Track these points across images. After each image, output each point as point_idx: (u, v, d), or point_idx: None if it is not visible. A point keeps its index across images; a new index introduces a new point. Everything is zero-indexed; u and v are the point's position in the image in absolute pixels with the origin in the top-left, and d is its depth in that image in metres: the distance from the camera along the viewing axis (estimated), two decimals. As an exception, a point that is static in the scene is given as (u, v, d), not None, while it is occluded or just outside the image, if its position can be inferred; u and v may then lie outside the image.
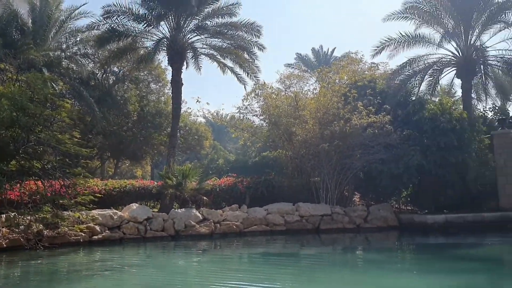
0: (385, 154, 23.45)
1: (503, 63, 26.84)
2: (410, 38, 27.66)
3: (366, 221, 24.09)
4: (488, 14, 26.08)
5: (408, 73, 26.77)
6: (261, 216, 22.75)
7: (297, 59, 48.26)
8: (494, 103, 33.62)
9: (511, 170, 26.49)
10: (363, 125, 23.10)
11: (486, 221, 23.89)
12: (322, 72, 27.60)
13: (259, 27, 26.10)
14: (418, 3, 26.78)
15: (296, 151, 26.33)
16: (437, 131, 23.46)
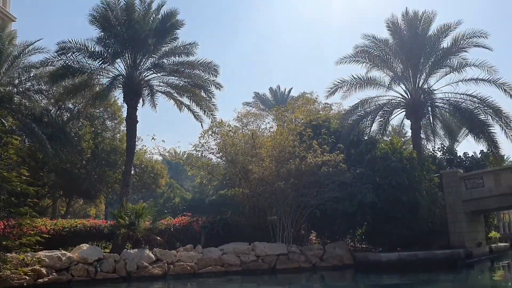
0: (339, 192, 23.81)
1: (449, 105, 28.24)
2: (361, 81, 28.80)
3: (322, 260, 24.09)
4: (434, 59, 27.61)
5: (360, 114, 27.69)
6: (216, 257, 22.33)
7: (255, 98, 49.05)
8: (443, 143, 35.10)
9: (459, 209, 27.44)
10: (318, 163, 23.48)
11: (437, 259, 24.43)
12: (278, 111, 28.13)
13: (216, 66, 26.55)
14: (368, 48, 28.08)
15: (253, 189, 26.33)
16: (388, 170, 24.13)
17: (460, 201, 27.50)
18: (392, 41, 28.36)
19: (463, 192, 27.72)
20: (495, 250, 32.41)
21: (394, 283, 20.12)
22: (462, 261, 25.44)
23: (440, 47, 27.53)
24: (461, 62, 27.23)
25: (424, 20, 27.52)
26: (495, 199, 26.93)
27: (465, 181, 28.07)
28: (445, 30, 27.07)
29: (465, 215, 27.50)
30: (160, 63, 26.74)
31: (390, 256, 23.65)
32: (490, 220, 34.29)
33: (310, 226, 28.11)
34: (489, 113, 27.21)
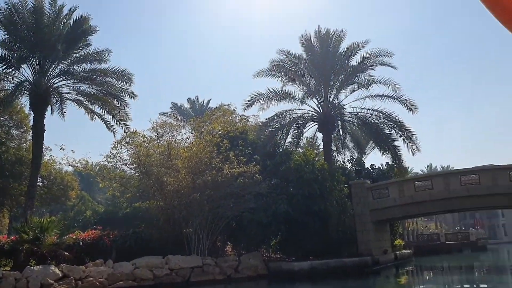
0: (255, 203, 24.09)
1: (357, 119, 29.83)
2: (277, 94, 29.55)
3: (237, 271, 24.13)
4: (344, 75, 29.07)
5: (276, 126, 28.35)
6: (128, 271, 21.52)
7: (173, 109, 48.37)
8: (352, 155, 36.97)
9: (367, 218, 28.91)
10: (234, 174, 23.60)
11: (347, 266, 25.46)
12: (195, 122, 27.94)
13: (130, 74, 25.84)
14: (283, 63, 28.94)
15: (168, 202, 25.78)
16: (301, 181, 24.86)
17: (367, 210, 28.99)
18: (305, 57, 29.47)
19: (371, 202, 29.27)
20: (400, 257, 34.49)
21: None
22: (369, 268, 26.74)
23: (350, 65, 29.08)
24: (368, 79, 28.95)
25: (335, 38, 28.95)
26: (399, 208, 28.74)
27: (372, 191, 29.69)
28: (354, 49, 28.66)
29: (372, 224, 29.02)
30: (70, 69, 25.50)
31: (302, 265, 24.27)
32: (395, 229, 36.45)
33: (226, 238, 28.07)
34: (393, 128, 29.11)
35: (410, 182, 28.96)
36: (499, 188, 25.71)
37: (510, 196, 25.80)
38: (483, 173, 26.47)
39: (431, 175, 31.70)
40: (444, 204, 27.60)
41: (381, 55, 28.02)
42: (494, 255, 48.96)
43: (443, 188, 27.15)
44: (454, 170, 35.32)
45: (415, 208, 28.39)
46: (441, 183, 27.33)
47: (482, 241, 58.10)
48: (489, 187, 25.92)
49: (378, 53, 28.00)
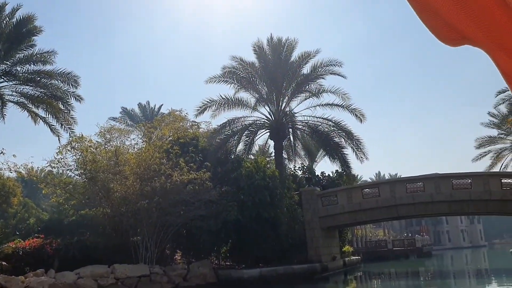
0: (205, 211, 23.76)
1: (308, 127, 30.19)
2: (230, 101, 29.44)
3: (186, 280, 23.70)
4: (296, 84, 29.36)
5: (228, 133, 28.20)
6: (70, 281, 20.63)
7: (123, 113, 47.19)
8: (303, 163, 37.35)
9: (317, 224, 29.28)
10: (184, 181, 23.19)
11: (296, 273, 25.62)
12: (144, 127, 27.34)
13: (76, 77, 24.97)
14: (235, 69, 28.87)
15: (115, 209, 25.00)
16: (252, 187, 24.82)
17: (317, 217, 29.37)
18: (258, 65, 29.55)
19: (320, 209, 29.69)
20: (349, 263, 35.11)
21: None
22: (318, 274, 27.04)
23: (301, 73, 29.40)
24: (319, 88, 29.39)
25: (287, 46, 29.22)
26: (348, 215, 29.30)
27: (322, 198, 30.13)
28: (305, 58, 29.02)
29: (322, 231, 29.41)
30: (12, 70, 24.36)
31: (251, 273, 24.18)
32: (344, 235, 37.11)
33: (175, 246, 27.57)
34: (343, 136, 29.68)
35: (358, 189, 29.61)
36: (441, 196, 26.74)
37: (452, 203, 26.91)
38: (427, 181, 27.44)
39: (379, 182, 32.59)
40: (391, 211, 28.39)
41: (331, 64, 28.54)
42: (438, 261, 50.83)
43: (389, 195, 27.94)
44: (400, 178, 36.45)
45: (363, 215, 29.02)
46: (388, 191, 28.11)
47: (427, 248, 60.18)
48: (433, 195, 26.90)
49: (328, 63, 28.52)
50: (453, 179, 26.80)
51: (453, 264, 47.37)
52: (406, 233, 79.62)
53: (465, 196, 26.26)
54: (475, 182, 26.18)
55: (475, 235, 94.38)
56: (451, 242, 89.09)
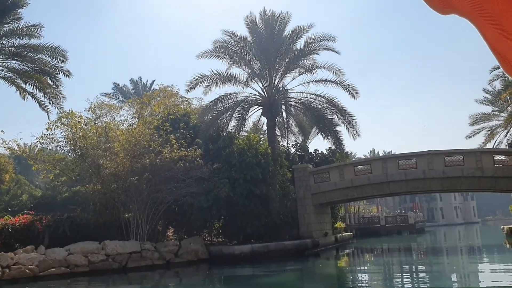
0: (196, 188, 23.67)
1: (301, 104, 29.84)
2: (222, 77, 28.94)
3: (177, 256, 23.74)
4: (289, 59, 28.85)
5: (220, 109, 27.84)
6: (61, 258, 20.60)
7: (115, 89, 46.61)
8: (297, 140, 37.17)
9: (309, 201, 29.29)
10: (174, 158, 22.99)
11: (287, 249, 25.73)
12: (134, 103, 26.96)
13: (64, 51, 24.41)
14: (227, 44, 28.27)
15: (106, 186, 24.84)
16: (244, 165, 24.66)
17: (309, 194, 29.36)
18: (251, 39, 28.97)
19: (312, 186, 29.66)
20: (340, 239, 35.33)
21: (245, 274, 20.57)
22: (309, 250, 27.17)
23: (294, 48, 28.85)
24: (313, 63, 28.92)
25: (280, 20, 28.59)
26: (340, 192, 29.30)
27: (314, 175, 30.07)
28: (299, 32, 28.46)
29: (314, 207, 29.46)
30: (-2, 44, 23.83)
31: (243, 249, 24.23)
32: (336, 212, 37.24)
33: (167, 222, 27.53)
34: (336, 113, 29.40)
35: (350, 166, 29.54)
36: (434, 173, 26.70)
37: (444, 180, 26.88)
38: (420, 157, 27.35)
39: (371, 159, 32.47)
40: (383, 187, 28.39)
41: (325, 39, 28.00)
42: (431, 237, 51.29)
43: (381, 172, 27.88)
44: (393, 155, 36.40)
45: (354, 191, 29.03)
46: (380, 168, 28.04)
47: (420, 224, 60.76)
48: (425, 172, 26.86)
49: (322, 37, 27.96)
50: (446, 156, 26.72)
51: (445, 240, 47.81)
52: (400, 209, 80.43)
53: (458, 173, 26.23)
54: (468, 159, 26.12)
55: (468, 212, 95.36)
56: (445, 219, 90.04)
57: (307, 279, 19.11)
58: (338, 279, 18.91)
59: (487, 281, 16.13)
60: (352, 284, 17.45)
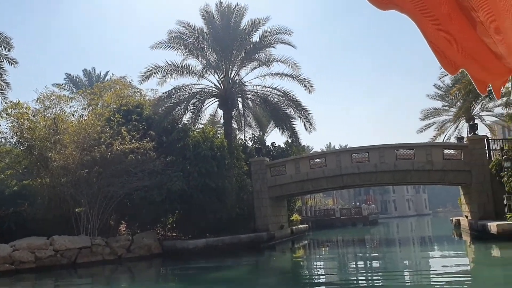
0: (149, 181, 23.18)
1: (257, 97, 29.76)
2: (177, 68, 28.40)
3: (129, 251, 23.23)
4: (245, 51, 28.65)
5: (174, 101, 27.33)
6: (5, 254, 19.69)
7: (67, 80, 44.92)
8: (254, 133, 37.11)
9: (265, 194, 29.37)
10: (125, 151, 22.38)
11: (242, 242, 25.68)
12: (84, 94, 26.06)
13: (8, 38, 23.22)
14: (182, 35, 27.72)
15: (55, 179, 23.93)
16: (199, 157, 24.35)
17: (266, 187, 29.44)
18: (207, 31, 28.55)
19: (269, 179, 29.76)
20: (296, 231, 35.67)
21: (198, 268, 20.34)
22: (265, 243, 27.25)
23: (251, 41, 28.66)
24: (269, 57, 28.84)
25: (236, 12, 28.31)
26: (295, 185, 29.53)
27: (271, 168, 30.16)
28: (255, 25, 28.27)
29: (270, 200, 29.57)
30: None
31: (197, 243, 24.00)
32: (292, 205, 37.54)
33: (120, 217, 26.88)
34: (292, 107, 29.52)
35: (306, 159, 29.79)
36: (385, 166, 27.31)
37: (395, 173, 27.56)
38: (372, 151, 27.89)
39: (325, 153, 32.87)
40: (336, 180, 28.80)
41: (281, 32, 27.94)
42: (383, 229, 52.67)
43: (335, 165, 28.27)
44: (346, 149, 37.04)
45: (309, 184, 29.32)
46: (334, 161, 28.42)
47: (373, 216, 62.27)
48: (377, 165, 27.43)
49: (278, 31, 27.89)
50: (397, 150, 27.38)
51: (397, 231, 49.24)
52: (354, 202, 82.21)
53: (408, 166, 26.94)
54: (418, 153, 26.85)
55: (420, 204, 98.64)
56: (397, 211, 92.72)
57: (260, 272, 19.16)
58: (290, 272, 19.06)
59: (437, 268, 16.70)
60: (305, 276, 17.61)
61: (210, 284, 15.12)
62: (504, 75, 2.21)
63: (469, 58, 1.83)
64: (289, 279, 17.09)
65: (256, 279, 17.17)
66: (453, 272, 15.39)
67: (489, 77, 2.15)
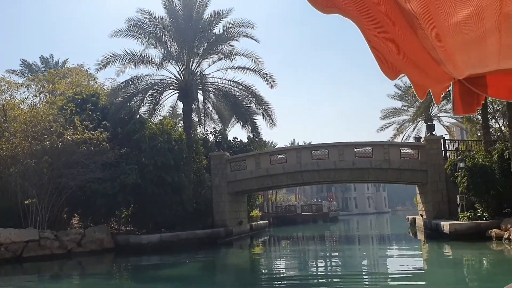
0: (102, 173, 22.39)
1: (219, 90, 29.24)
2: (136, 57, 27.50)
3: (80, 245, 22.41)
4: (207, 43, 28.05)
5: (132, 91, 26.50)
6: None
7: (23, 66, 43.03)
8: (216, 127, 36.62)
9: (224, 189, 28.99)
10: (77, 141, 21.50)
11: (198, 238, 25.21)
12: (36, 81, 24.93)
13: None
14: (142, 23, 26.84)
15: (2, 169, 22.80)
16: (155, 150, 23.68)
17: (225, 182, 29.07)
18: (168, 20, 27.75)
19: (229, 174, 29.39)
20: (255, 227, 35.45)
21: (149, 264, 19.74)
22: (222, 239, 26.86)
23: (213, 33, 28.06)
24: (232, 50, 28.37)
25: (199, 3, 27.59)
26: (255, 180, 29.28)
27: (231, 163, 29.79)
28: (218, 17, 27.69)
29: (229, 196, 29.22)
30: None
31: (151, 238, 23.38)
32: (253, 200, 37.29)
33: (73, 210, 25.96)
34: (253, 101, 29.19)
35: (266, 155, 29.57)
36: (344, 163, 27.41)
37: (353, 171, 27.71)
38: (332, 148, 27.93)
39: (286, 149, 32.69)
40: (296, 177, 28.72)
41: (244, 25, 27.45)
42: (343, 226, 53.28)
43: (295, 162, 28.18)
44: (307, 145, 37.01)
45: (269, 180, 29.13)
46: (294, 157, 28.32)
47: (333, 213, 62.96)
48: (336, 162, 27.50)
49: (241, 23, 27.39)
50: (356, 148, 27.52)
51: (356, 228, 49.83)
52: (316, 199, 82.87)
53: (366, 165, 27.11)
54: (376, 151, 27.06)
55: (380, 202, 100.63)
56: (358, 208, 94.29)
57: (211, 269, 18.75)
58: (243, 268, 18.75)
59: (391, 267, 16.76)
60: (257, 273, 17.34)
61: (156, 282, 14.61)
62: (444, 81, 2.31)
63: (410, 62, 1.84)
64: (241, 276, 16.79)
65: (205, 276, 16.69)
66: (406, 271, 15.46)
67: (429, 82, 2.19)
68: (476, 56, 1.98)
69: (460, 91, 2.63)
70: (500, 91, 2.67)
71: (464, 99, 2.69)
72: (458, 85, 2.58)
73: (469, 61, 2.06)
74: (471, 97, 2.67)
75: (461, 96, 2.67)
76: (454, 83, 2.57)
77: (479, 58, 2.01)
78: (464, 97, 2.67)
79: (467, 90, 2.60)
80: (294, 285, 14.09)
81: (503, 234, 19.13)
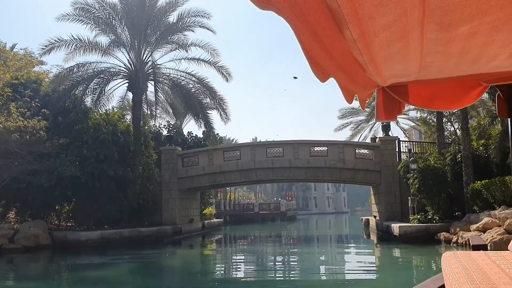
0: (38, 165, 20.85)
1: (171, 81, 27.97)
2: (85, 44, 25.80)
3: (12, 241, 20.83)
4: (161, 32, 26.73)
5: (77, 79, 24.91)
6: None
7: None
8: (170, 121, 35.27)
9: (174, 185, 27.82)
10: (9, 129, 19.88)
11: (143, 236, 23.96)
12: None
13: None
14: (89, 7, 25.17)
15: None
16: (98, 142, 22.24)
17: (176, 178, 27.90)
18: (120, 7, 26.20)
19: (180, 170, 28.23)
20: (208, 226, 34.36)
21: (84, 263, 18.41)
22: (169, 237, 25.69)
23: (167, 21, 26.79)
24: (187, 40, 27.15)
25: (154, -10, 26.33)
26: (208, 177, 28.25)
27: (183, 159, 28.65)
28: (173, 5, 26.41)
29: (180, 192, 28.07)
30: None
31: (90, 235, 21.99)
32: (206, 198, 36.14)
33: (10, 203, 24.23)
34: (207, 95, 28.13)
35: (220, 151, 28.59)
36: (299, 162, 26.75)
37: (308, 169, 27.08)
38: (287, 146, 27.24)
39: (240, 145, 31.71)
40: (250, 174, 27.89)
41: (199, 15, 26.22)
42: (300, 225, 52.90)
43: (250, 159, 27.34)
44: (261, 142, 36.27)
45: (222, 177, 28.19)
46: (249, 154, 27.47)
47: (291, 212, 62.63)
48: (291, 161, 26.82)
49: (196, 13, 26.14)
50: (311, 146, 26.92)
51: (312, 228, 49.51)
52: (276, 197, 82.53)
53: (321, 164, 26.55)
54: (331, 151, 26.52)
55: (339, 202, 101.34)
56: (318, 208, 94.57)
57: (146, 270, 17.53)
58: (183, 269, 17.69)
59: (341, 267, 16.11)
60: (198, 273, 16.34)
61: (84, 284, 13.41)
62: (369, 88, 2.42)
63: (339, 67, 1.86)
64: (179, 276, 15.76)
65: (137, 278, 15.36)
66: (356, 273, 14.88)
67: (356, 88, 2.26)
68: (399, 67, 2.11)
69: (383, 98, 2.80)
70: (419, 99, 2.89)
71: (386, 105, 2.83)
72: (382, 92, 2.75)
73: (393, 70, 2.19)
74: (393, 104, 2.83)
75: (384, 102, 2.82)
76: (378, 90, 2.73)
77: (402, 68, 2.14)
78: (386, 103, 2.82)
79: (390, 98, 2.75)
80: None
81: (452, 237, 18.85)
